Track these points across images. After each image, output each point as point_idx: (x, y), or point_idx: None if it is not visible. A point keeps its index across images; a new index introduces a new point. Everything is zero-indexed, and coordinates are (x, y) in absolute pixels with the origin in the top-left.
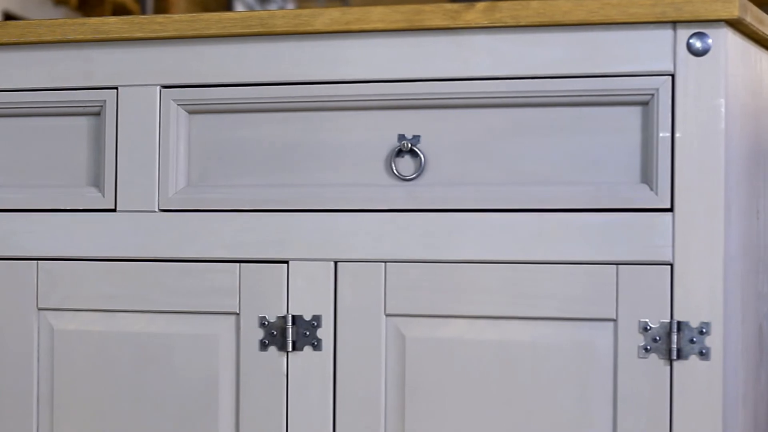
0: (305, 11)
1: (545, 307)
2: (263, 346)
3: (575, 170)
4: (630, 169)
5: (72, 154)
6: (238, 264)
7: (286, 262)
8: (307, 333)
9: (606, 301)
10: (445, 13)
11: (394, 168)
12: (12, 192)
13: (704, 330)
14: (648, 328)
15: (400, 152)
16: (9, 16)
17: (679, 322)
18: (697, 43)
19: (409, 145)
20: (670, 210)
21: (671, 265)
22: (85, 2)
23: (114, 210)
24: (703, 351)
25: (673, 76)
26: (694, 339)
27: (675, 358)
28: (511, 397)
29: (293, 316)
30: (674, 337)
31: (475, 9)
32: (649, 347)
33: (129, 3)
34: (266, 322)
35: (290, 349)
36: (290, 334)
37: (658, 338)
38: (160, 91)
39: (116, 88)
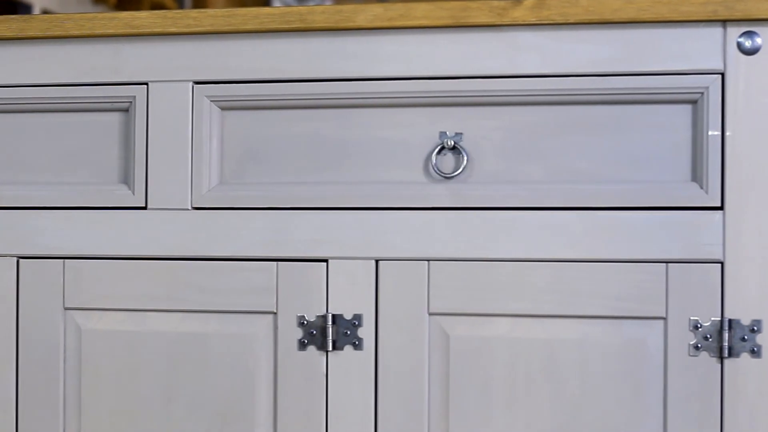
0: (346, 7)
1: (593, 306)
2: (302, 345)
3: (623, 168)
4: (679, 167)
5: (100, 151)
6: (275, 263)
7: (326, 260)
8: (348, 332)
9: (656, 299)
10: (491, 9)
11: (436, 166)
12: (38, 189)
13: (755, 328)
14: (699, 326)
15: (442, 150)
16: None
17: (730, 320)
18: (747, 42)
19: (452, 143)
20: (720, 208)
21: (722, 263)
22: (124, 1)
23: (144, 208)
24: (755, 349)
25: (723, 74)
26: (746, 337)
27: (726, 356)
28: (558, 396)
29: (333, 315)
30: (725, 335)
31: (523, 6)
32: (699, 345)
33: (168, 2)
34: (305, 322)
35: (330, 348)
36: (330, 333)
37: (708, 336)
38: (193, 87)
39: (146, 83)
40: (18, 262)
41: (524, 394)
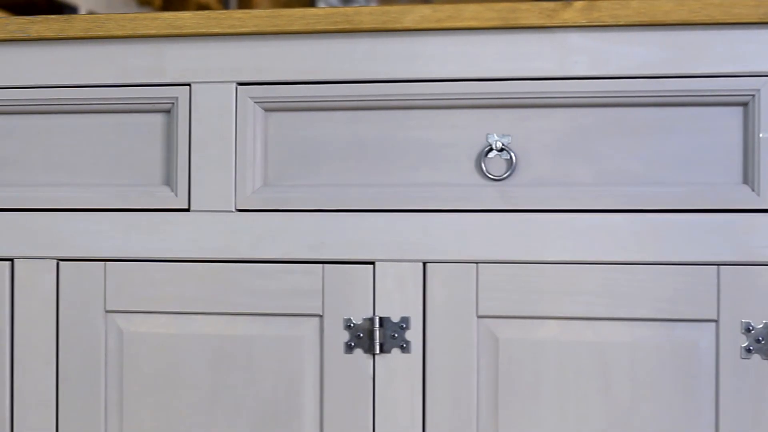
0: (393, 8)
1: (643, 308)
2: (348, 348)
3: (673, 171)
4: (730, 169)
5: (142, 152)
6: (321, 265)
7: (372, 263)
8: (395, 335)
9: (707, 301)
10: (541, 11)
11: (484, 167)
12: (78, 191)
13: None
14: (750, 328)
15: (490, 151)
16: None
17: None
18: None
19: (500, 145)
20: None
21: None
22: (170, 3)
23: (188, 210)
24: None
25: None
26: None
27: None
28: (609, 399)
29: (380, 318)
30: None
31: (573, 8)
32: (751, 348)
33: (212, 3)
34: (352, 324)
35: (377, 351)
36: (377, 336)
37: (761, 339)
38: (236, 88)
39: (189, 84)
40: (58, 264)
41: (574, 398)
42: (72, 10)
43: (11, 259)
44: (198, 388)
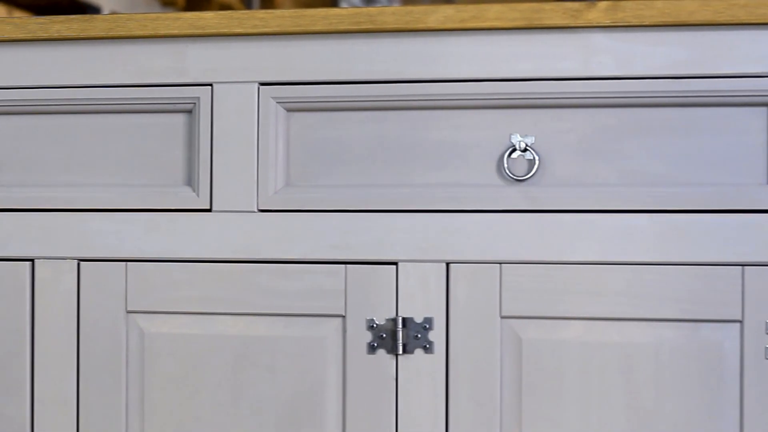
0: (417, 8)
1: (668, 309)
2: (371, 349)
3: (696, 171)
4: (754, 170)
5: (163, 152)
6: (344, 265)
7: (395, 263)
8: (418, 335)
9: (731, 302)
10: (565, 11)
11: (506, 168)
12: (99, 191)
13: None
14: None
15: (513, 152)
16: None
17: None
18: None
19: (524, 145)
20: None
21: None
22: (193, 3)
23: (209, 210)
24: None
25: None
26: None
27: None
28: (633, 399)
29: (403, 319)
30: None
31: (597, 8)
32: None
33: (235, 4)
34: (374, 325)
35: (400, 351)
36: (400, 336)
37: None
38: (259, 88)
39: (211, 84)
40: (79, 264)
41: (598, 398)
42: (95, 10)
43: (32, 260)
44: (219, 389)
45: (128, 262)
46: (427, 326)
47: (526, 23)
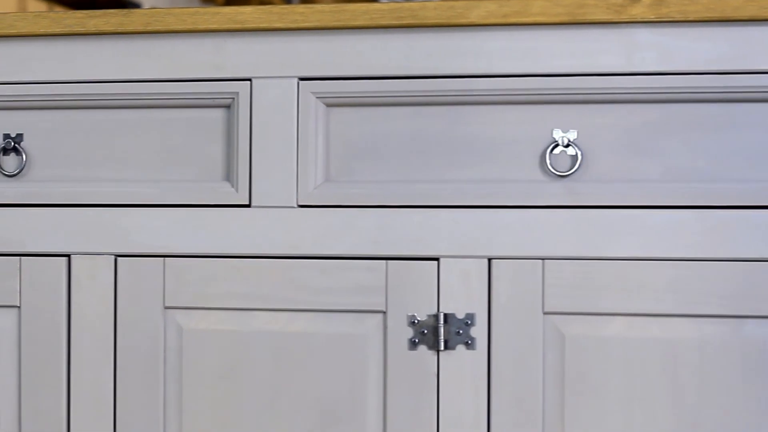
0: (458, 3)
1: (712, 305)
2: (413, 345)
3: (741, 167)
4: None
5: (202, 148)
6: (384, 261)
7: (437, 259)
8: (460, 331)
9: None
10: (609, 7)
11: (549, 163)
12: (136, 186)
13: None
14: None
15: (555, 147)
16: None
17: None
18: None
19: (566, 140)
20: None
21: None
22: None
23: (248, 205)
24: None
25: None
26: None
27: None
28: (677, 396)
29: (445, 314)
30: None
31: (641, 3)
32: None
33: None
34: (416, 321)
35: (442, 348)
36: (442, 332)
37: None
38: (298, 83)
39: (250, 79)
40: (116, 260)
41: (641, 395)
42: (135, 6)
43: (68, 255)
44: (259, 386)
45: (166, 258)
46: (469, 322)
47: (570, 18)
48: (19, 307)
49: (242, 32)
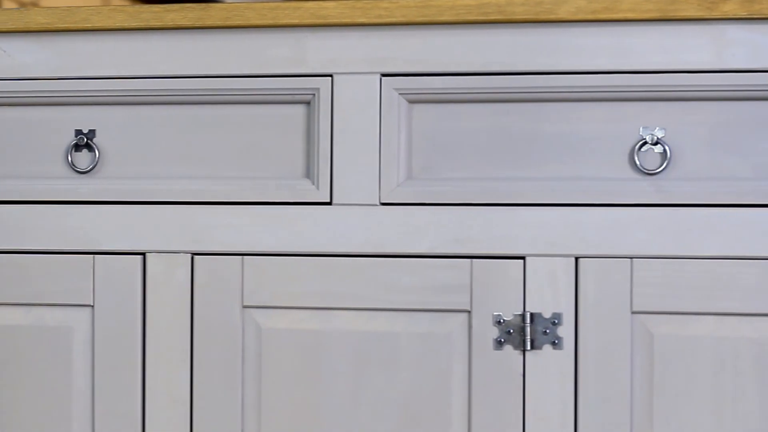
0: None
1: None
2: (498, 344)
3: None
4: None
5: (281, 145)
6: (469, 260)
7: (522, 257)
8: (547, 331)
9: None
10: (700, 3)
11: (637, 161)
12: (214, 183)
13: None
14: None
15: (643, 145)
16: None
17: None
18: None
19: (655, 138)
20: None
21: None
22: None
23: (329, 203)
24: None
25: None
26: None
27: None
28: (767, 396)
29: (531, 314)
30: None
31: (733, 0)
32: None
33: None
34: (501, 320)
35: (528, 347)
36: (528, 332)
37: None
38: (381, 79)
39: (331, 75)
40: (192, 258)
41: (731, 396)
42: (213, 0)
43: (143, 254)
44: (339, 385)
45: (244, 256)
46: (556, 321)
47: (660, 15)
48: (92, 306)
49: (324, 27)
